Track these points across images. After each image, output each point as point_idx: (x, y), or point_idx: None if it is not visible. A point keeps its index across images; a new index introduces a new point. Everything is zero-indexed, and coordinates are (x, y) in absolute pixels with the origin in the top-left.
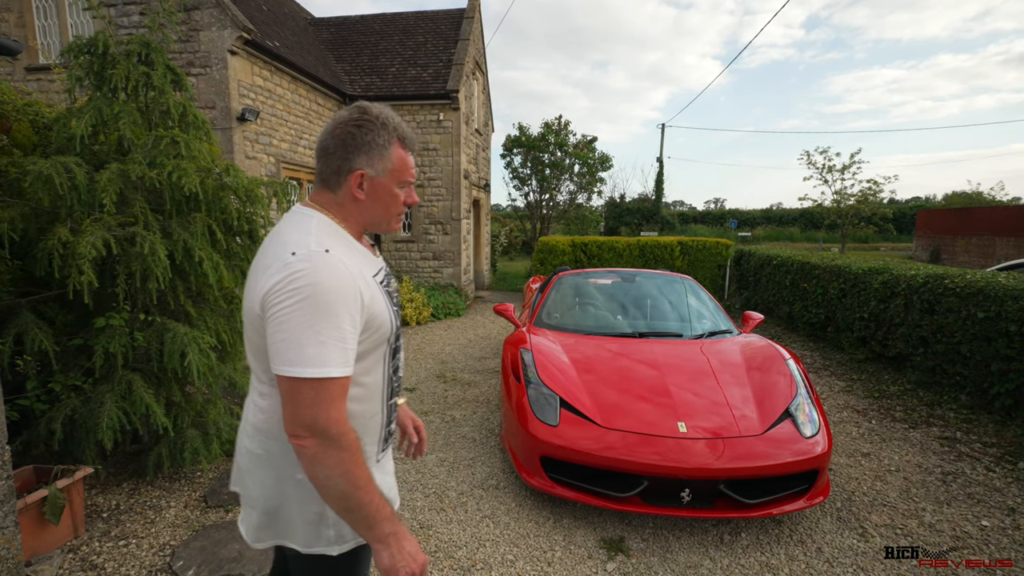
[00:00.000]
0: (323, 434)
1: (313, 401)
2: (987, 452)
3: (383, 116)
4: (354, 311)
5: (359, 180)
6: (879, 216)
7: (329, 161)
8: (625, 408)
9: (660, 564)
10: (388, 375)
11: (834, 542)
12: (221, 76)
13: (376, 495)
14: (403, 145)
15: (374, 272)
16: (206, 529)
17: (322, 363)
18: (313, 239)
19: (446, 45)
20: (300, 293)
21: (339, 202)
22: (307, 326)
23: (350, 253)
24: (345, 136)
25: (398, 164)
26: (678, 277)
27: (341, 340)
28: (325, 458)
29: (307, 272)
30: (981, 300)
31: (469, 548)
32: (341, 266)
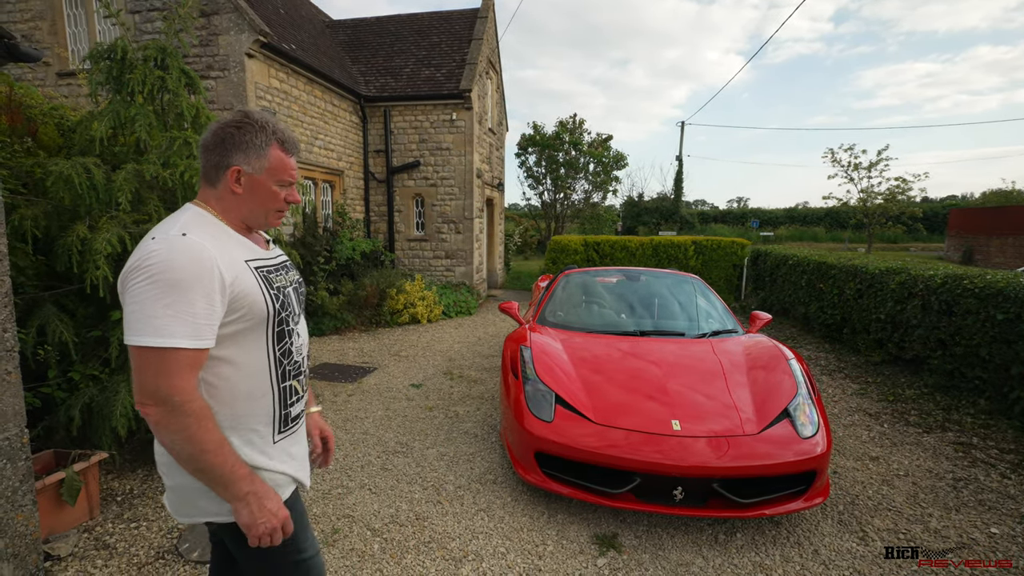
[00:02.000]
0: (165, 401)
1: (157, 370)
2: (1004, 458)
3: (263, 120)
4: (210, 289)
5: (236, 175)
6: (908, 215)
7: (210, 157)
8: (621, 405)
9: (652, 561)
10: (274, 357)
11: (832, 544)
12: (239, 79)
13: (229, 457)
14: (283, 147)
15: (250, 257)
16: None
17: (169, 334)
18: (175, 226)
19: (460, 45)
20: (152, 270)
21: (218, 195)
22: (156, 299)
23: (218, 238)
24: (224, 135)
25: (276, 164)
26: (685, 276)
27: (191, 315)
28: (169, 424)
29: (160, 251)
30: (1001, 301)
31: (462, 540)
32: (197, 247)
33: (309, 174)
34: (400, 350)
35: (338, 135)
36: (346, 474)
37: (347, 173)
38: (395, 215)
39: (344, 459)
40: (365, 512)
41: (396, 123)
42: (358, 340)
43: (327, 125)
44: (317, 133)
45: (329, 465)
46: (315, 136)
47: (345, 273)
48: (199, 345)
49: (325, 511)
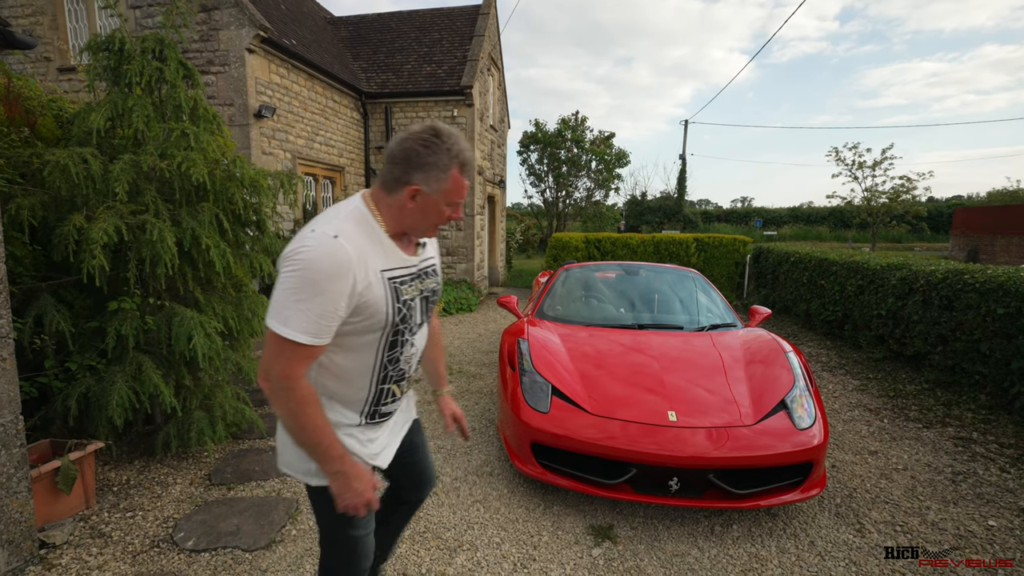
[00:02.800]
0: (275, 382)
1: (276, 354)
2: (1003, 453)
3: (450, 141)
4: (339, 295)
5: (413, 193)
6: (912, 214)
7: (392, 168)
8: (617, 396)
9: (647, 552)
10: (380, 362)
11: (829, 536)
12: (239, 74)
13: (324, 439)
14: (462, 170)
15: (388, 267)
16: (208, 505)
17: (292, 327)
18: (333, 224)
19: (461, 41)
20: (297, 264)
21: (389, 204)
22: (292, 292)
23: (366, 244)
24: (410, 151)
25: (452, 186)
26: (685, 271)
27: (317, 315)
28: (275, 400)
29: (310, 249)
30: (1001, 296)
31: (457, 530)
32: (342, 254)
33: (310, 170)
34: None
35: (339, 131)
36: None
37: (348, 170)
38: None
39: None
40: None
41: (397, 120)
42: None
43: (328, 121)
44: (318, 129)
45: (467, 438)
46: (315, 132)
47: None
48: (315, 342)
49: None
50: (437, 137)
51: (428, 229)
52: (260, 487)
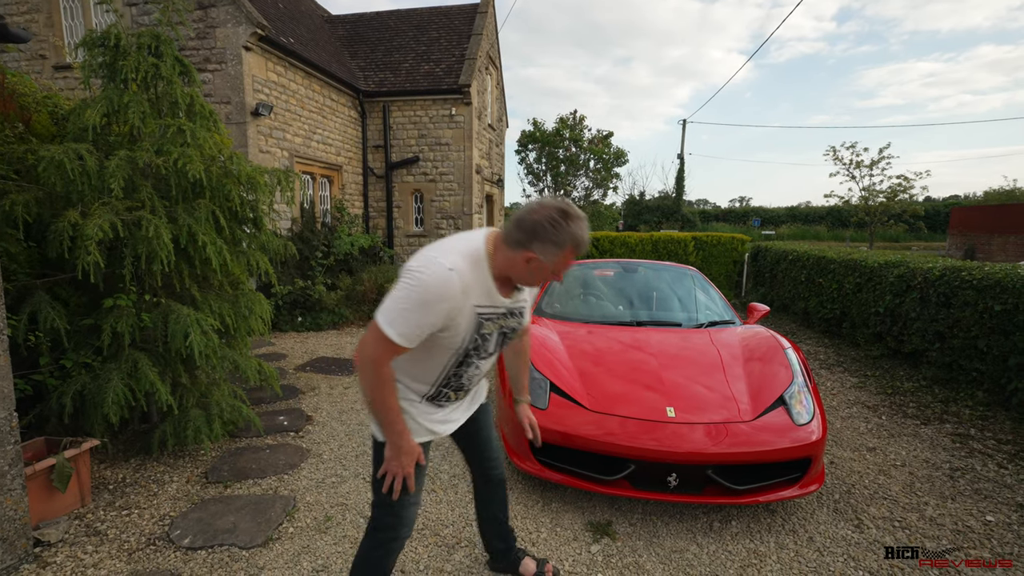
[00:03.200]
0: (366, 361)
1: (374, 341)
2: (1001, 449)
3: (573, 225)
4: (436, 317)
5: (529, 259)
6: (910, 213)
7: (518, 232)
8: (615, 393)
9: (645, 548)
10: (447, 372)
11: (827, 532)
12: (236, 72)
13: (391, 414)
14: (575, 249)
15: (481, 304)
16: (204, 503)
17: (393, 328)
18: (453, 257)
19: (459, 40)
20: (413, 280)
21: (507, 256)
22: (402, 300)
23: (473, 283)
24: (537, 226)
25: (563, 260)
26: (683, 268)
27: (414, 325)
28: (362, 374)
29: (427, 273)
30: (999, 292)
31: (456, 527)
32: (452, 287)
33: (307, 169)
34: None
35: (336, 130)
36: (340, 464)
37: (346, 168)
38: (394, 210)
39: (339, 449)
40: (359, 500)
41: (395, 118)
42: (355, 335)
43: (325, 119)
44: (315, 127)
45: (539, 444)
46: (313, 131)
47: (344, 268)
48: (406, 344)
49: (319, 499)
50: (564, 219)
51: (531, 283)
52: (257, 485)
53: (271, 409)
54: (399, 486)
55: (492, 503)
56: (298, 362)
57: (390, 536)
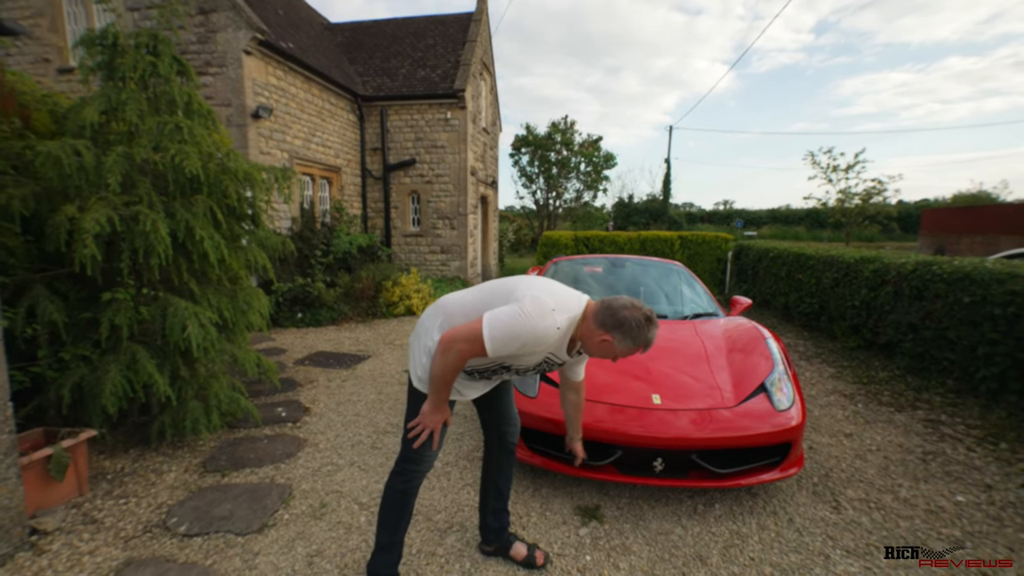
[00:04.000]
0: (452, 346)
1: (470, 337)
2: (970, 433)
3: (652, 330)
4: (523, 349)
5: (605, 340)
6: (883, 215)
7: (610, 317)
8: (602, 381)
9: (632, 531)
10: (487, 369)
11: (806, 513)
12: (236, 75)
13: (446, 388)
14: (642, 348)
15: (554, 353)
16: (202, 491)
17: (491, 341)
18: (564, 317)
19: (454, 47)
20: (529, 320)
21: (589, 327)
22: (511, 329)
23: (558, 338)
24: (626, 321)
25: (628, 352)
26: (669, 264)
27: (506, 349)
28: (442, 354)
29: (542, 324)
30: (967, 285)
31: (448, 512)
32: (551, 338)
33: (307, 170)
34: (395, 339)
35: (335, 133)
36: (336, 452)
37: (344, 170)
38: (391, 211)
39: (335, 438)
40: (354, 487)
41: (392, 122)
42: (354, 330)
43: (324, 123)
44: (315, 130)
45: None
46: (312, 133)
47: (343, 266)
48: (490, 353)
49: (315, 487)
50: (648, 324)
51: (592, 355)
52: (254, 474)
53: (270, 401)
54: (425, 437)
55: (500, 474)
56: (297, 356)
57: (411, 468)
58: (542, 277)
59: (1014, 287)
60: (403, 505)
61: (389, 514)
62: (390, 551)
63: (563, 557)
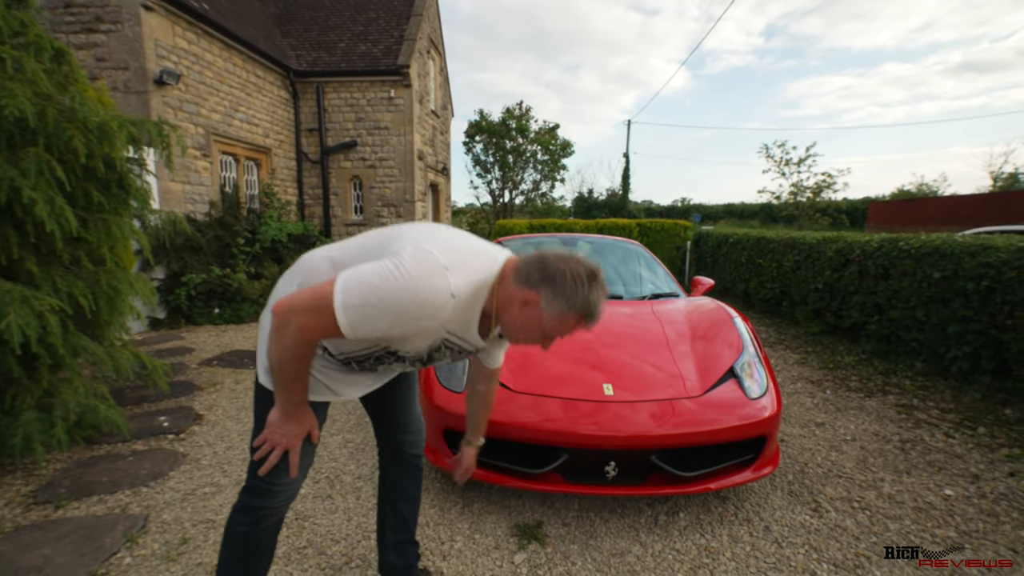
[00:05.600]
0: (290, 325)
1: (312, 308)
2: (945, 418)
3: (596, 291)
4: (403, 328)
5: (528, 299)
6: (833, 207)
7: (537, 269)
8: (544, 370)
9: (580, 552)
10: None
11: (784, 519)
12: (134, 34)
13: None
14: (580, 319)
15: (456, 334)
16: (17, 532)
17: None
18: (464, 280)
19: (399, 21)
20: (404, 283)
21: (509, 292)
22: (376, 296)
23: (461, 313)
24: (559, 273)
25: (562, 324)
26: (626, 243)
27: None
28: (277, 335)
29: (424, 287)
30: (937, 259)
31: (349, 542)
32: (443, 310)
33: (229, 149)
34: None
35: (264, 109)
36: (221, 469)
37: (275, 151)
38: (331, 198)
39: (225, 451)
40: None
41: (330, 100)
42: None
43: (250, 97)
44: (237, 105)
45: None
46: (235, 108)
47: (272, 257)
48: (348, 335)
49: (179, 516)
50: (590, 281)
51: (514, 337)
52: (102, 502)
53: (155, 409)
54: (275, 460)
55: (400, 496)
56: (206, 356)
57: (258, 504)
58: (446, 226)
59: (987, 259)
60: (249, 556)
61: (229, 570)
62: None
63: None
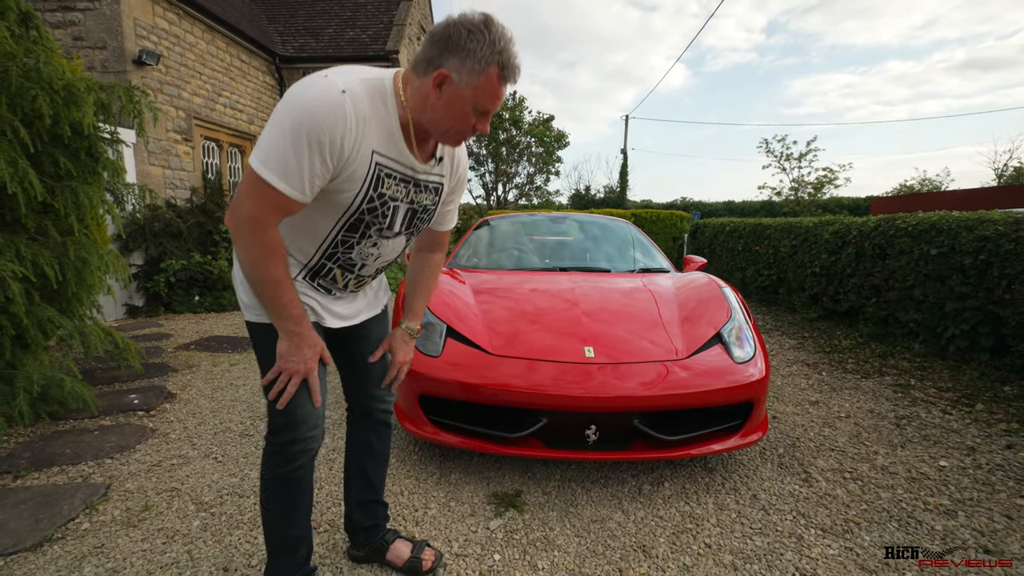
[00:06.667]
0: (241, 221)
1: (249, 192)
2: (943, 396)
3: (497, 35)
4: (325, 149)
5: (441, 80)
6: (835, 203)
7: (428, 48)
8: (524, 334)
9: (559, 520)
10: (333, 238)
11: (772, 488)
12: (112, 12)
13: (285, 295)
14: (501, 73)
15: (381, 151)
16: None
17: (275, 172)
18: (346, 78)
19: (388, 7)
20: (296, 102)
21: (416, 87)
22: (282, 135)
23: (371, 117)
24: (451, 32)
25: (485, 86)
26: (616, 220)
27: (299, 163)
28: (238, 241)
29: (311, 93)
30: (934, 236)
31: (319, 508)
32: (343, 106)
33: (212, 134)
34: None
35: (248, 95)
36: (190, 443)
37: None
38: None
39: (196, 427)
40: (198, 483)
41: None
42: None
43: (234, 82)
44: (220, 89)
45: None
46: (218, 92)
47: None
48: (292, 195)
49: (143, 485)
50: (486, 27)
51: (449, 132)
52: (63, 473)
53: (125, 388)
54: (292, 390)
55: (368, 455)
56: (183, 341)
57: (287, 439)
58: None
59: (985, 232)
60: (291, 495)
61: (273, 513)
62: (290, 552)
63: (464, 558)
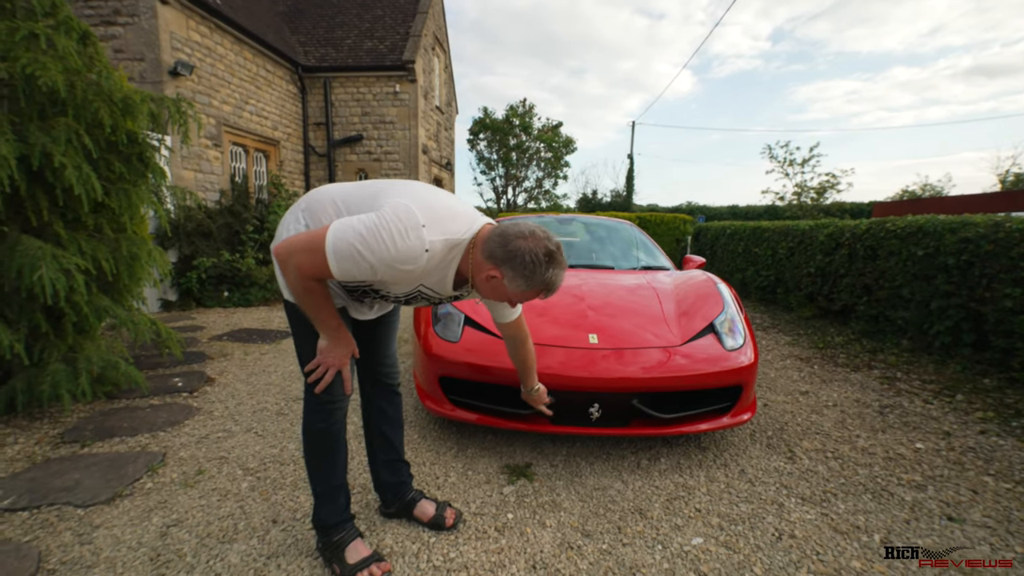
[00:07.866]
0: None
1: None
2: (926, 388)
3: (554, 271)
4: (382, 274)
5: (492, 275)
6: (837, 208)
7: (500, 247)
8: (535, 325)
9: (565, 487)
10: (352, 287)
11: (759, 464)
12: (150, 26)
13: (323, 312)
14: (539, 292)
15: (430, 287)
16: (48, 462)
17: (336, 257)
18: (437, 235)
19: (404, 18)
20: (386, 237)
21: (478, 260)
22: (363, 245)
23: (436, 268)
24: (520, 255)
25: (524, 296)
26: (620, 222)
27: (357, 271)
28: (284, 272)
29: (402, 241)
30: (920, 238)
31: (353, 474)
32: (417, 262)
33: (240, 140)
34: None
35: (273, 103)
36: (233, 419)
37: (284, 144)
38: None
39: (236, 407)
40: (243, 453)
41: (337, 95)
42: None
43: (259, 91)
44: (247, 98)
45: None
46: (245, 100)
47: None
48: (336, 276)
49: (195, 454)
50: (548, 262)
51: (484, 295)
52: (123, 443)
53: (168, 373)
54: (329, 379)
55: (383, 419)
56: (216, 333)
57: (325, 399)
58: (433, 187)
59: (967, 235)
60: (331, 446)
61: (316, 460)
62: (333, 498)
63: (481, 516)
